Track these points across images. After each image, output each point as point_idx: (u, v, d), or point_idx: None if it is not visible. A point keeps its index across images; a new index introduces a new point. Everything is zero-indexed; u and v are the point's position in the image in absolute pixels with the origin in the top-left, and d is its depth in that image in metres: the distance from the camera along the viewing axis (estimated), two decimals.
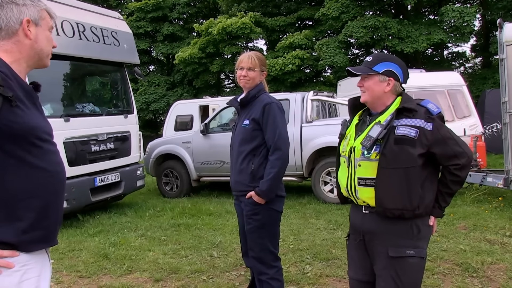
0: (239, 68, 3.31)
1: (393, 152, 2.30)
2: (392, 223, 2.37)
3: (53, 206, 1.76)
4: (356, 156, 2.42)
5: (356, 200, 2.49)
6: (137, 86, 26.03)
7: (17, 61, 1.74)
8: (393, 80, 2.45)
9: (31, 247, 1.69)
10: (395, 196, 2.31)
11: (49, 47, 1.84)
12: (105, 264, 5.07)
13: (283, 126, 3.25)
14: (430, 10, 24.40)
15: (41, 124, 1.73)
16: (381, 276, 2.44)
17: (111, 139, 7.74)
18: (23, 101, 1.66)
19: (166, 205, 8.48)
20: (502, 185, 7.04)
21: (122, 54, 8.25)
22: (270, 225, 3.27)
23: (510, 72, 6.69)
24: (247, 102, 3.30)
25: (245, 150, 3.23)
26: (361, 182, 2.41)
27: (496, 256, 4.82)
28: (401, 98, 2.45)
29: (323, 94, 10.05)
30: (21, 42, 1.74)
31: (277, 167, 3.16)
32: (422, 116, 2.33)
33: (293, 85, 21.55)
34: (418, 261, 2.39)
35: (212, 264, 4.99)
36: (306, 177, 8.73)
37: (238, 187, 3.31)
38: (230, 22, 21.93)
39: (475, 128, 10.49)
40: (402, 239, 2.37)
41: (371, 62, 2.46)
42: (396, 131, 2.32)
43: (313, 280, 4.39)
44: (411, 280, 2.39)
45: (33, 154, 1.67)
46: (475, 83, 20.99)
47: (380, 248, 2.42)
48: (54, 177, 1.76)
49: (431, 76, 12.67)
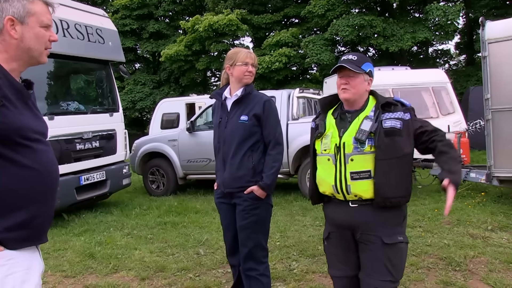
0: (243, 64, 3.25)
1: (386, 144, 2.42)
2: (385, 212, 2.48)
3: (42, 205, 1.73)
4: (347, 151, 2.48)
5: (346, 195, 2.52)
6: (123, 85, 25.87)
7: (5, 61, 1.68)
8: (372, 80, 2.58)
9: (16, 245, 1.66)
10: (394, 185, 2.44)
11: (39, 45, 1.75)
12: (90, 264, 5.05)
13: (280, 122, 3.41)
14: (415, 9, 24.59)
15: (30, 124, 1.69)
16: (371, 265, 2.51)
17: (97, 138, 7.69)
18: (11, 101, 1.62)
19: (153, 203, 8.45)
20: (485, 181, 7.14)
21: (107, 52, 8.20)
22: (265, 220, 3.33)
23: (492, 70, 6.78)
24: (243, 97, 3.30)
25: (245, 146, 3.24)
26: (355, 176, 2.47)
27: (478, 250, 4.91)
28: (374, 96, 2.60)
29: (309, 91, 10.09)
30: (6, 42, 1.68)
31: (279, 161, 3.28)
32: (400, 109, 2.49)
33: (279, 83, 21.58)
34: (406, 246, 2.56)
35: (198, 262, 4.99)
36: (293, 174, 8.77)
37: (235, 183, 3.26)
38: (216, 19, 21.88)
39: (459, 125, 10.58)
40: (394, 227, 2.51)
41: (358, 61, 2.54)
42: (384, 124, 2.45)
43: (300, 277, 4.42)
44: (401, 264, 2.54)
45: (21, 154, 1.64)
46: (459, 80, 21.22)
47: (372, 238, 2.50)
48: (44, 176, 1.72)
49: (416, 74, 12.74)
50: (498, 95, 6.74)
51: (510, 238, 5.34)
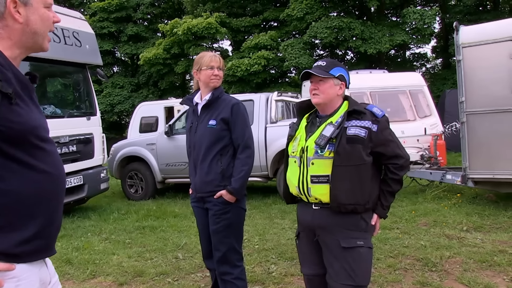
0: (208, 68, 3.24)
1: (346, 150, 2.44)
2: (343, 217, 2.51)
3: (56, 212, 1.62)
4: (309, 155, 2.53)
5: (308, 197, 2.58)
6: (101, 88, 25.56)
7: (9, 48, 1.50)
8: (344, 84, 2.61)
9: (30, 258, 1.52)
10: (348, 192, 2.46)
11: (45, 27, 1.58)
12: (67, 270, 4.98)
13: (250, 125, 3.36)
14: (392, 12, 24.93)
15: (41, 122, 1.55)
16: (332, 268, 2.56)
17: (74, 142, 7.60)
18: (22, 97, 1.47)
19: (131, 207, 8.38)
20: (460, 182, 7.26)
21: (84, 55, 8.10)
22: (237, 223, 3.31)
23: (466, 73, 6.91)
24: (211, 102, 3.30)
25: (214, 150, 3.22)
26: (314, 180, 2.52)
27: (454, 250, 5.00)
28: (348, 101, 2.62)
29: (287, 94, 10.14)
30: (10, 27, 1.50)
31: (248, 165, 3.24)
32: (369, 118, 2.50)
33: (258, 86, 21.61)
34: (367, 250, 2.56)
35: (177, 266, 4.97)
36: (271, 177, 8.79)
37: (205, 188, 3.27)
38: (195, 23, 21.80)
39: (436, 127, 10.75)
40: (352, 232, 2.52)
41: (326, 66, 2.59)
42: (348, 131, 2.47)
43: (278, 280, 4.43)
44: (363, 269, 2.54)
45: (36, 156, 1.50)
46: (436, 84, 21.57)
47: (331, 241, 2.55)
48: (57, 180, 1.59)
49: (393, 77, 12.91)
50: (472, 98, 6.87)
51: (484, 238, 5.45)
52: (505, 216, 6.42)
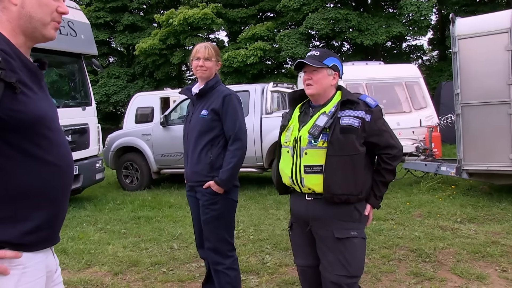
0: (195, 59, 3.29)
1: (340, 140, 2.43)
2: (336, 208, 2.51)
3: (61, 203, 1.60)
4: (302, 145, 2.52)
5: (301, 188, 2.57)
6: (97, 78, 25.48)
7: (12, 34, 1.47)
8: (338, 74, 2.61)
9: (35, 247, 1.52)
10: (342, 182, 2.45)
11: (44, 14, 1.51)
12: (63, 259, 4.98)
13: (242, 117, 3.31)
14: (389, 4, 24.87)
15: (48, 111, 1.52)
16: (326, 259, 2.56)
17: (69, 132, 7.57)
18: (28, 85, 1.45)
19: (126, 198, 8.39)
20: (455, 174, 7.30)
21: (79, 45, 8.05)
22: (227, 215, 3.29)
23: (462, 65, 6.92)
24: (205, 92, 3.29)
25: (203, 140, 3.22)
26: (308, 170, 2.51)
27: (447, 241, 5.03)
28: (341, 91, 2.61)
29: (283, 85, 10.12)
30: (7, 9, 1.47)
31: (237, 157, 3.20)
32: (363, 108, 2.49)
33: (254, 77, 21.59)
34: (361, 241, 2.57)
35: (172, 256, 4.98)
36: (267, 168, 8.80)
37: (195, 177, 3.28)
38: (191, 13, 21.73)
39: (431, 119, 10.79)
40: (346, 222, 2.52)
41: (320, 57, 2.58)
42: (341, 121, 2.46)
43: (273, 270, 4.45)
44: (356, 260, 2.54)
45: (41, 147, 1.48)
46: (432, 76, 21.60)
47: (325, 232, 2.54)
48: (63, 171, 1.57)
49: (389, 68, 12.94)
50: (467, 90, 6.88)
51: (478, 229, 5.49)
52: (498, 208, 6.46)
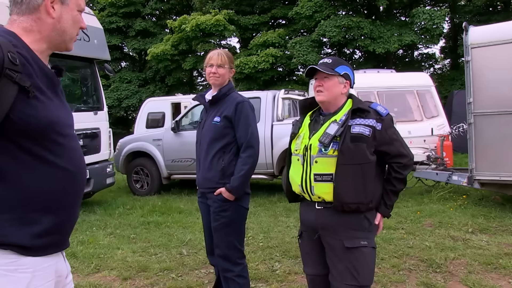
0: (208, 65, 3.29)
1: (350, 149, 2.42)
2: (346, 217, 2.50)
3: (71, 208, 1.61)
4: (313, 153, 2.51)
5: (311, 196, 2.56)
6: (108, 83, 25.69)
7: (36, 42, 1.52)
8: (349, 83, 2.59)
9: (43, 252, 1.52)
10: (352, 191, 2.44)
11: (74, 29, 1.62)
12: (72, 263, 5.00)
13: (255, 124, 3.30)
14: (401, 12, 24.82)
15: (62, 117, 1.55)
16: (335, 269, 2.54)
17: (80, 136, 7.62)
18: (43, 90, 1.47)
19: (136, 203, 8.41)
20: (466, 184, 7.23)
21: (92, 50, 8.12)
22: (237, 222, 3.28)
23: (475, 74, 6.86)
24: (218, 99, 3.30)
25: (216, 147, 3.22)
26: (318, 178, 2.50)
27: (459, 252, 4.97)
28: (352, 100, 2.60)
29: (294, 92, 10.13)
30: (42, 20, 1.53)
31: (249, 164, 3.20)
32: (373, 117, 2.48)
33: (266, 83, 21.61)
34: (371, 251, 2.54)
35: (181, 262, 4.98)
36: (277, 175, 8.78)
37: (206, 184, 3.29)
38: (203, 19, 21.83)
39: (443, 128, 10.73)
40: (355, 231, 2.51)
41: (332, 64, 2.57)
42: (352, 129, 2.45)
43: (282, 278, 4.43)
44: (366, 269, 2.52)
45: (53, 152, 1.50)
46: (444, 84, 21.46)
47: (335, 241, 2.53)
48: (75, 177, 1.58)
49: (401, 77, 12.90)
50: (480, 99, 6.83)
51: (490, 240, 5.42)
52: (511, 219, 6.38)
